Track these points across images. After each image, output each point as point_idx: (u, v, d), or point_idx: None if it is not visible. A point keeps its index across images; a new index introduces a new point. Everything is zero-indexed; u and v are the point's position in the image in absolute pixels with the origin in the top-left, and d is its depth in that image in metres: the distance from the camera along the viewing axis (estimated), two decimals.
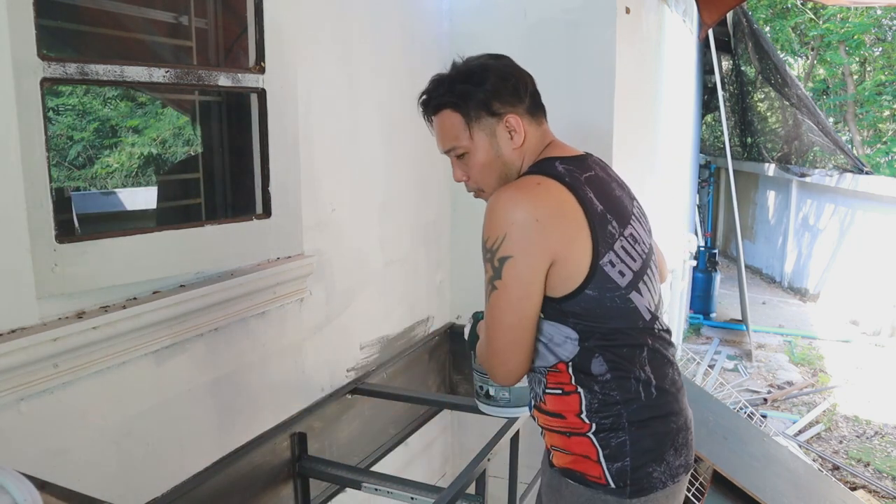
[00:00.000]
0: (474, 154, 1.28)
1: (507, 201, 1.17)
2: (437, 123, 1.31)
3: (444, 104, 1.28)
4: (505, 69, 1.29)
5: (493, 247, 1.17)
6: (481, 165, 1.28)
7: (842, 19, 9.45)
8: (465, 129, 1.27)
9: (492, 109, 1.26)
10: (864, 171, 6.48)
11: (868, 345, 5.79)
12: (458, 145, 1.29)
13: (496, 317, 1.19)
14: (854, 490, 3.40)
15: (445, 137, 1.30)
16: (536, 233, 1.15)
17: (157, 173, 6.80)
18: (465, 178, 1.33)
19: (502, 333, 1.20)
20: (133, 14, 1.90)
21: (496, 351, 1.21)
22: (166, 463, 1.46)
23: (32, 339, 1.16)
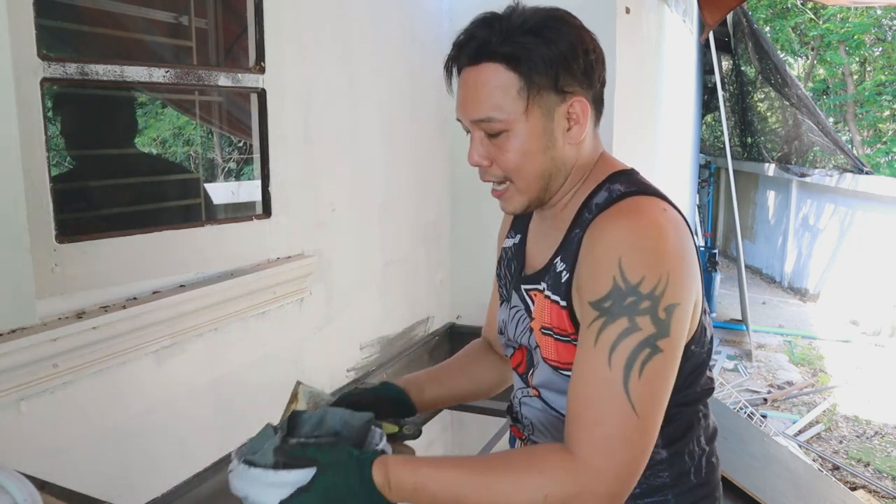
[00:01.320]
0: (520, 134, 0.91)
1: (658, 229, 0.85)
2: (472, 78, 0.92)
3: (498, 55, 0.89)
4: (585, 36, 0.94)
5: (654, 291, 0.81)
6: (525, 152, 0.92)
7: (842, 19, 9.45)
8: (517, 98, 0.90)
9: (560, 83, 0.91)
10: (864, 171, 6.48)
11: (868, 345, 5.79)
12: (499, 117, 0.90)
13: (659, 396, 0.82)
14: (854, 490, 3.40)
15: (483, 101, 0.91)
16: (693, 272, 0.87)
17: (157, 172, 6.80)
18: (487, 162, 0.94)
19: (659, 419, 0.83)
20: (133, 14, 1.90)
21: (647, 445, 0.82)
22: (166, 463, 1.46)
23: (32, 339, 1.16)
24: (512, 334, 1.06)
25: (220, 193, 2.82)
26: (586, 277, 0.87)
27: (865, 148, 10.00)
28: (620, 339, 0.81)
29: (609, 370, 0.80)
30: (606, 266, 0.83)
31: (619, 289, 0.82)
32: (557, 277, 0.94)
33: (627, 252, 0.83)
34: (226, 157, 5.47)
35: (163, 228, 1.45)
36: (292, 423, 0.89)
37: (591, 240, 0.88)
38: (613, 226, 0.86)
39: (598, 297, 0.83)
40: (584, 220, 0.94)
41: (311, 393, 1.08)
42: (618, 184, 0.94)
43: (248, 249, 1.66)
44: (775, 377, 5.09)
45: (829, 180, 6.65)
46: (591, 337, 0.83)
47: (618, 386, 0.80)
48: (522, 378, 1.07)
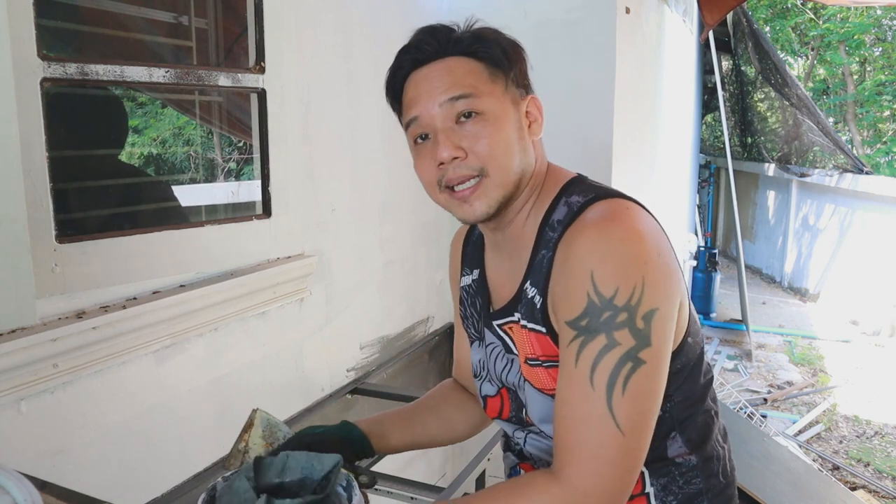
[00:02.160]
0: (494, 120, 0.86)
1: (627, 232, 0.80)
2: (435, 70, 0.89)
3: (461, 49, 0.89)
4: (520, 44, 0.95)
5: (630, 301, 0.77)
6: (502, 138, 0.86)
7: (842, 19, 9.45)
8: (490, 82, 0.87)
9: (518, 79, 0.91)
10: (864, 171, 6.49)
11: (868, 345, 5.79)
12: (475, 93, 0.86)
13: (644, 411, 0.79)
14: (854, 490, 3.40)
15: (456, 82, 0.87)
16: (670, 270, 0.82)
17: (157, 173, 6.81)
18: (462, 153, 0.86)
19: (648, 433, 0.80)
20: (133, 14, 1.90)
21: (636, 462, 0.79)
22: (166, 463, 1.46)
23: (32, 339, 1.16)
24: (495, 373, 1.01)
25: (219, 193, 2.81)
26: (561, 297, 0.83)
27: (865, 148, 10.00)
28: (600, 358, 0.78)
29: (592, 390, 0.78)
30: (579, 282, 0.79)
31: (593, 304, 0.78)
32: (531, 305, 0.89)
33: (598, 264, 0.79)
34: (226, 157, 5.47)
35: (163, 228, 1.45)
36: (257, 467, 0.87)
37: (562, 261, 0.84)
38: (581, 242, 0.81)
39: (574, 316, 0.80)
40: (548, 238, 0.88)
41: (269, 421, 1.04)
42: (574, 195, 0.89)
43: (248, 249, 1.66)
44: (775, 377, 5.09)
45: (829, 180, 6.65)
46: (570, 358, 0.80)
47: (601, 406, 0.77)
48: (512, 422, 1.01)
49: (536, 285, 0.88)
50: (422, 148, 0.91)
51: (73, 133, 1.64)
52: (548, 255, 0.87)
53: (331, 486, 0.85)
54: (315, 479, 0.88)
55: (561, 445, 0.80)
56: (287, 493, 0.83)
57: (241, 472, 0.86)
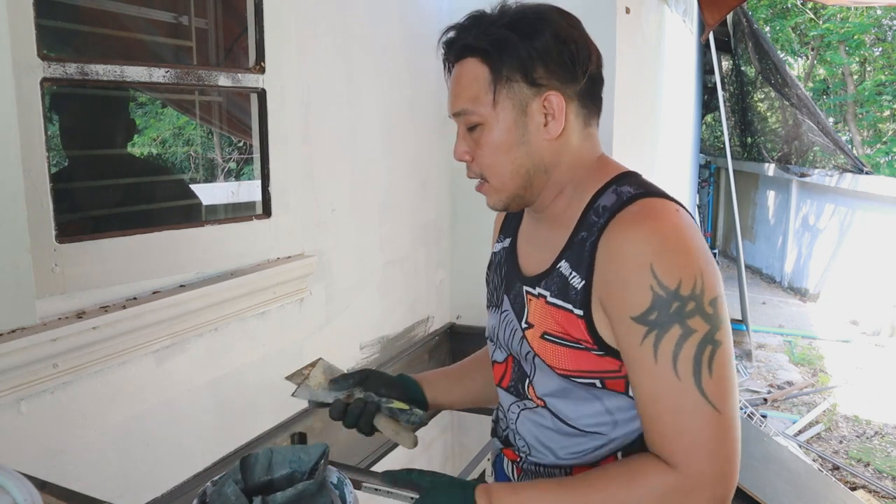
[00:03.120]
0: (490, 129, 0.92)
1: (679, 230, 0.84)
2: (455, 73, 0.94)
3: (472, 50, 0.91)
4: (568, 30, 0.92)
5: (694, 290, 0.81)
6: (495, 148, 0.92)
7: (842, 19, 9.46)
8: (488, 91, 0.91)
9: (532, 76, 0.90)
10: (864, 171, 6.49)
11: (868, 345, 5.79)
12: (472, 109, 0.92)
13: (731, 386, 0.82)
14: (854, 490, 3.40)
15: (460, 94, 0.93)
16: (717, 268, 0.86)
17: (157, 173, 6.81)
18: (468, 157, 0.95)
19: (737, 408, 0.83)
20: (133, 14, 1.90)
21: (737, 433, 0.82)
22: (166, 463, 1.46)
23: (32, 339, 1.16)
24: (504, 340, 1.03)
25: (219, 193, 2.81)
26: (618, 291, 0.84)
27: (865, 148, 10.00)
28: (680, 347, 0.80)
29: (679, 380, 0.80)
30: (640, 277, 0.81)
31: (660, 298, 0.81)
32: (565, 283, 0.91)
33: (657, 258, 0.81)
34: (226, 157, 5.47)
35: (163, 228, 1.45)
36: (243, 466, 0.87)
37: (613, 250, 0.85)
38: (635, 233, 0.84)
39: (640, 312, 0.82)
40: (591, 222, 0.90)
41: (329, 366, 1.13)
42: (626, 185, 0.92)
43: (248, 249, 1.66)
44: (775, 377, 5.09)
45: (829, 180, 6.65)
46: (648, 354, 0.82)
47: (692, 393, 0.80)
48: (511, 391, 1.03)
49: (576, 267, 0.90)
50: None
51: (77, 132, 1.65)
52: (590, 240, 0.89)
53: (319, 474, 0.85)
54: (303, 471, 0.88)
55: (661, 439, 0.82)
56: (277, 490, 0.83)
57: (228, 474, 0.86)
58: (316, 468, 0.88)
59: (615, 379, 0.90)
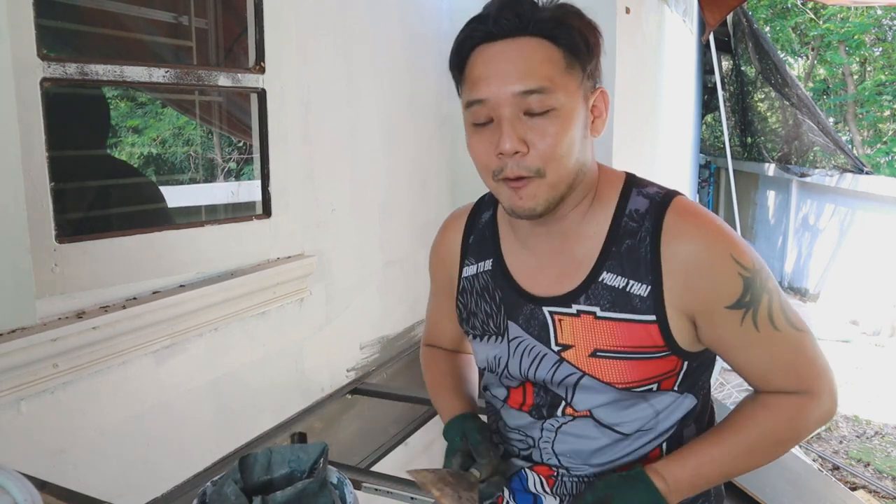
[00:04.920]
0: (566, 116, 0.82)
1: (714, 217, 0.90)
2: (510, 51, 0.82)
3: (543, 28, 0.82)
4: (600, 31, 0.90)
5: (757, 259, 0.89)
6: (570, 137, 0.83)
7: (842, 19, 9.45)
8: (566, 74, 0.82)
9: (591, 70, 0.86)
10: (864, 171, 6.48)
11: (868, 345, 5.79)
12: (552, 88, 0.81)
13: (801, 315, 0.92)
14: (854, 490, 3.39)
15: (532, 72, 0.81)
16: None
17: (157, 173, 6.81)
18: (525, 147, 0.82)
19: None
20: (133, 14, 1.90)
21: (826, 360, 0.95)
22: (166, 463, 1.46)
23: (32, 339, 1.16)
24: (518, 370, 0.96)
25: (219, 193, 2.82)
26: (708, 289, 0.87)
27: (865, 148, 9.99)
28: (771, 309, 0.88)
29: (781, 333, 0.88)
30: (727, 269, 0.86)
31: (748, 280, 0.86)
32: (622, 294, 0.88)
33: (731, 246, 0.87)
34: (226, 157, 5.47)
35: (163, 228, 1.45)
36: (243, 466, 0.87)
37: (686, 255, 0.86)
38: (703, 232, 0.87)
39: (736, 299, 0.86)
40: (630, 229, 0.89)
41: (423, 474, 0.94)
42: (646, 187, 0.93)
43: (248, 249, 1.66)
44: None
45: (830, 180, 6.65)
46: (750, 330, 0.87)
47: (792, 333, 0.89)
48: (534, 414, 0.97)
49: (632, 276, 0.88)
50: (483, 130, 0.85)
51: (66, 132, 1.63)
52: (644, 245, 0.88)
53: (319, 473, 0.85)
54: (303, 470, 0.88)
55: (797, 376, 0.90)
56: (277, 490, 0.83)
57: (228, 475, 0.85)
58: (315, 467, 0.88)
59: (669, 378, 0.93)
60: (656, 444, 0.95)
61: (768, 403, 0.91)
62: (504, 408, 1.02)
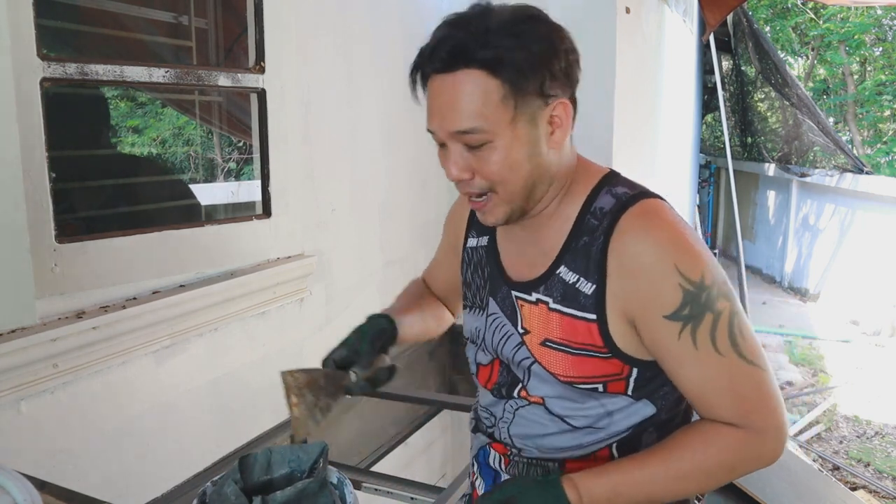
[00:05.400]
0: (504, 145, 0.85)
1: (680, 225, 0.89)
2: (448, 86, 0.84)
3: (477, 61, 0.82)
4: (563, 32, 0.88)
5: (713, 276, 0.86)
6: (510, 164, 0.86)
7: (842, 19, 9.45)
8: (501, 107, 0.83)
9: (543, 87, 0.84)
10: (864, 171, 6.48)
11: (868, 345, 5.79)
12: (482, 127, 0.83)
13: (759, 344, 0.88)
14: (854, 490, 3.39)
15: (464, 111, 0.83)
16: None
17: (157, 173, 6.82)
18: (468, 175, 0.87)
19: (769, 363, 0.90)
20: (133, 14, 1.90)
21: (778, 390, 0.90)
22: (166, 463, 1.46)
23: (32, 339, 1.16)
24: (491, 344, 1.01)
25: (219, 193, 2.82)
26: (647, 295, 0.86)
27: (865, 148, 9.99)
28: (715, 329, 0.85)
29: (722, 357, 0.85)
30: (668, 278, 0.85)
31: (690, 293, 0.85)
32: (571, 290, 0.90)
33: (678, 256, 0.85)
34: (226, 157, 5.47)
35: (163, 228, 1.45)
36: (242, 466, 0.87)
37: (631, 255, 0.87)
38: (650, 237, 0.86)
39: (674, 309, 0.85)
40: (591, 226, 0.90)
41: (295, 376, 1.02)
42: (619, 186, 0.93)
43: (248, 249, 1.66)
44: (776, 377, 5.08)
45: (830, 180, 6.65)
46: (687, 345, 0.86)
47: (736, 362, 0.86)
48: (496, 394, 1.02)
49: (583, 273, 0.90)
50: (442, 150, 0.91)
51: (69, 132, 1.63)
52: (596, 244, 0.89)
53: (319, 472, 0.85)
54: (302, 469, 0.88)
55: (728, 407, 0.87)
56: (277, 489, 0.83)
57: (228, 475, 0.86)
58: (315, 467, 0.88)
59: (617, 381, 0.91)
60: (606, 444, 0.95)
61: (704, 432, 0.88)
62: (482, 387, 1.07)
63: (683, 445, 0.88)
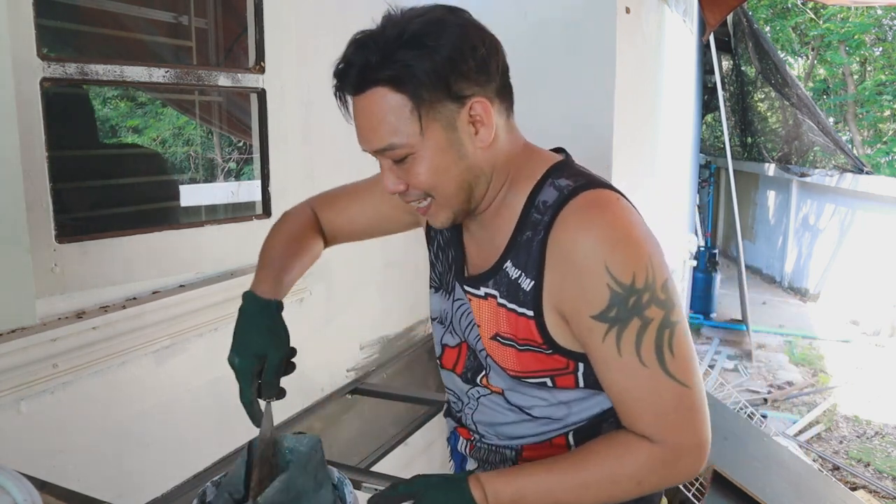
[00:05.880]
0: (425, 155, 0.86)
1: (624, 220, 0.85)
2: (362, 108, 0.86)
3: (380, 80, 0.83)
4: (471, 29, 0.86)
5: (647, 280, 0.83)
6: (436, 170, 0.86)
7: (842, 19, 9.45)
8: (411, 119, 0.83)
9: (453, 90, 0.84)
10: (864, 171, 6.48)
11: (868, 345, 5.79)
12: (399, 142, 0.85)
13: (692, 358, 0.85)
14: (854, 490, 3.39)
15: (378, 130, 0.86)
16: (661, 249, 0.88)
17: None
18: (402, 186, 0.89)
19: (700, 376, 0.87)
20: (133, 14, 1.90)
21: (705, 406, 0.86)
22: (166, 463, 1.46)
23: (32, 339, 1.16)
24: (459, 328, 1.02)
25: (219, 193, 2.82)
26: (575, 292, 0.85)
27: (866, 148, 9.99)
28: (641, 338, 0.83)
29: (645, 367, 0.83)
30: (595, 277, 0.83)
31: (617, 294, 0.82)
32: (514, 286, 0.90)
33: (609, 255, 0.82)
34: (226, 157, 5.47)
35: (163, 228, 1.45)
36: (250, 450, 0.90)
37: (564, 251, 0.85)
38: (585, 231, 0.84)
39: (599, 310, 0.83)
40: (534, 220, 0.89)
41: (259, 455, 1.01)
42: (562, 178, 0.90)
43: (248, 249, 1.65)
44: (775, 377, 5.09)
45: (830, 180, 6.65)
46: (611, 349, 0.84)
47: (659, 376, 0.83)
48: (464, 379, 1.03)
49: (523, 268, 0.90)
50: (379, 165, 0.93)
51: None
52: (537, 239, 0.88)
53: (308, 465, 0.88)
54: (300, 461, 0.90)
55: (645, 420, 0.86)
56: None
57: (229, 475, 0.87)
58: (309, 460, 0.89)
59: (564, 376, 0.92)
60: (562, 432, 0.96)
61: (618, 442, 0.87)
62: (440, 368, 1.07)
63: (595, 455, 0.87)
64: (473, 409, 1.03)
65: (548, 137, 0.98)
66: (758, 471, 2.59)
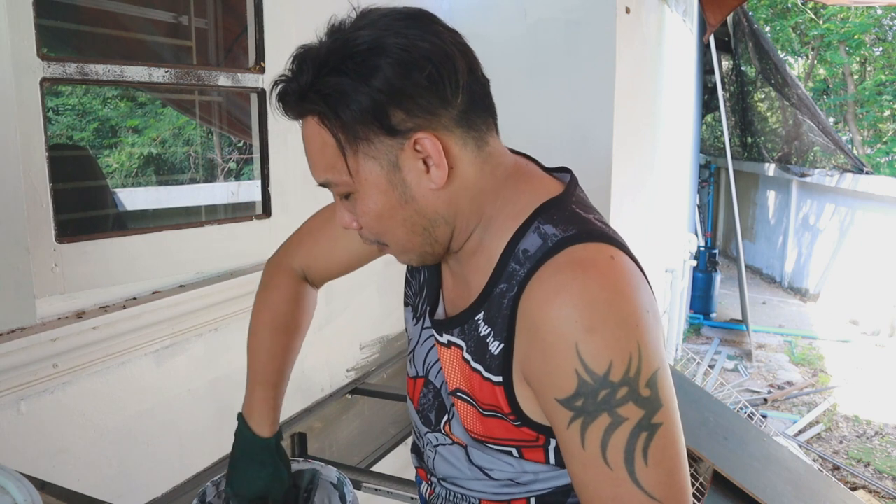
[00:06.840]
0: (362, 197, 0.74)
1: (613, 291, 0.68)
2: (303, 134, 0.75)
3: (307, 110, 0.73)
4: (414, 47, 0.70)
5: (628, 372, 0.66)
6: (378, 214, 0.74)
7: (842, 19, 9.46)
8: (342, 157, 0.72)
9: (388, 123, 0.70)
10: (864, 171, 6.49)
11: (868, 345, 5.79)
12: (334, 180, 0.74)
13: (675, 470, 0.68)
14: (854, 490, 3.40)
15: (316, 164, 0.75)
16: (660, 325, 0.72)
17: (157, 173, 6.82)
18: (354, 224, 0.78)
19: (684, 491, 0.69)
20: (133, 14, 1.90)
21: None
22: (166, 463, 1.46)
23: (32, 339, 1.16)
24: (420, 360, 0.91)
25: (219, 193, 2.82)
26: (541, 369, 0.70)
27: (866, 148, 9.99)
28: (608, 436, 0.67)
29: (610, 470, 0.67)
30: (563, 358, 0.67)
31: (586, 384, 0.66)
32: (482, 345, 0.77)
33: (583, 335, 0.66)
34: (226, 157, 5.47)
35: (163, 228, 1.45)
36: None
37: (535, 320, 0.70)
38: (559, 302, 0.67)
39: (565, 396, 0.68)
40: (511, 271, 0.74)
41: None
42: (550, 224, 0.73)
43: (248, 249, 1.66)
44: (775, 377, 5.09)
45: (830, 180, 6.65)
46: (575, 439, 0.69)
47: (626, 484, 0.67)
48: (423, 419, 0.91)
49: (493, 325, 0.76)
50: None
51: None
52: (510, 295, 0.73)
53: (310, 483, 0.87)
54: None
55: None
56: None
57: None
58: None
59: (533, 449, 0.79)
60: (525, 496, 0.83)
61: None
62: (409, 403, 0.97)
63: None
64: (432, 457, 0.91)
65: (547, 137, 0.98)
66: (758, 471, 2.59)
